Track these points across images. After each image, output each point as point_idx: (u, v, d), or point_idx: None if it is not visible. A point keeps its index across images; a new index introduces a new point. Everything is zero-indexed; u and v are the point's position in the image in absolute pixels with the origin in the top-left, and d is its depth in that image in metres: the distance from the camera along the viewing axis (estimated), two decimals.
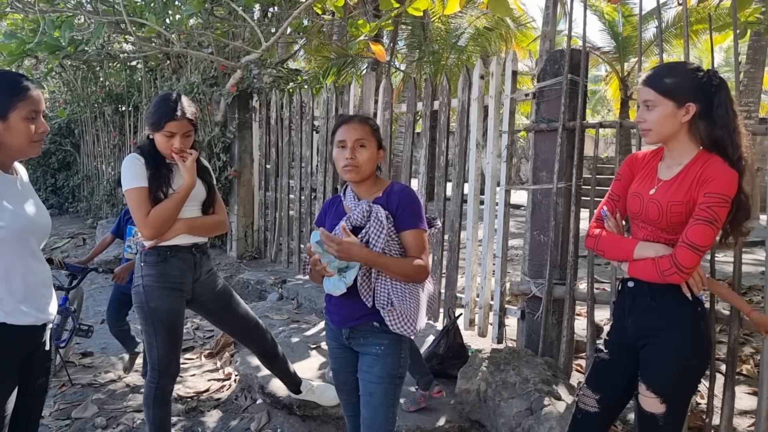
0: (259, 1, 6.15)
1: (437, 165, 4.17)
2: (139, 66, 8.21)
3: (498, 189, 3.68)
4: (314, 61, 11.50)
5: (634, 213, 1.92)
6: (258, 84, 6.16)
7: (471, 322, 3.92)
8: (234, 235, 6.42)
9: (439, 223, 3.98)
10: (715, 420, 2.60)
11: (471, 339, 3.72)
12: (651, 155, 1.96)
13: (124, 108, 8.76)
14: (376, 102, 4.83)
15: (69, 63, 8.54)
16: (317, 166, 5.52)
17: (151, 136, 2.43)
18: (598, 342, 2.16)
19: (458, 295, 4.03)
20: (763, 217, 9.21)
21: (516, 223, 8.05)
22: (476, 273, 3.91)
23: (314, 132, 5.60)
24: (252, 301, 5.19)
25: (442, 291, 4.09)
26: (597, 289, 3.11)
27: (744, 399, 3.10)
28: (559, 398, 2.62)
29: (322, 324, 4.07)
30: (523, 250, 3.44)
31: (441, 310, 4.08)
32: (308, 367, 3.46)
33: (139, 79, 8.20)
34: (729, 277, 3.11)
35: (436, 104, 4.16)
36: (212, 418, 3.23)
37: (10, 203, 1.70)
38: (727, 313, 2.55)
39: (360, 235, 1.91)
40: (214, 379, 3.70)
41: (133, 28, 4.89)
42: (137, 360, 3.83)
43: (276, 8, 6.30)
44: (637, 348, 1.90)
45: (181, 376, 3.50)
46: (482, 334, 3.81)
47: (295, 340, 3.94)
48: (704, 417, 2.66)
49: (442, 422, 2.83)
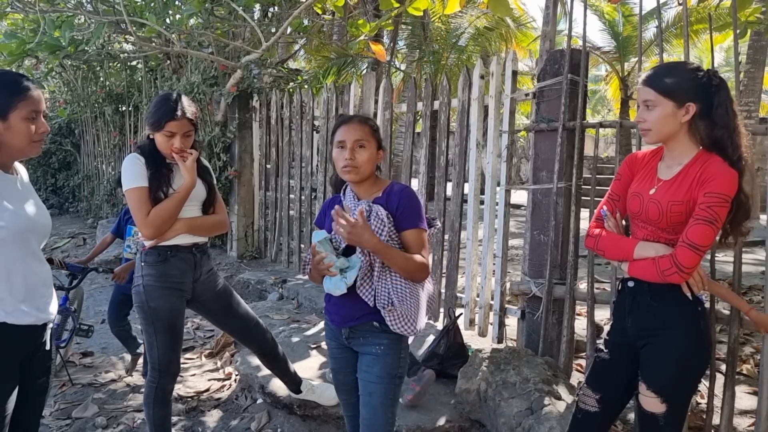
0: (260, 1, 6.15)
1: (437, 165, 4.17)
2: (140, 66, 8.21)
3: (498, 189, 3.68)
4: (314, 60, 11.50)
5: (634, 213, 1.92)
6: (258, 84, 6.16)
7: (471, 322, 3.92)
8: (234, 234, 6.43)
9: (438, 223, 3.98)
10: (715, 420, 2.60)
11: (471, 339, 3.72)
12: (651, 155, 1.96)
13: (124, 108, 8.76)
14: (376, 102, 4.83)
15: (69, 63, 8.54)
16: (317, 165, 5.53)
17: (151, 136, 2.43)
18: (598, 342, 2.16)
19: (458, 294, 4.03)
20: (763, 217, 9.21)
21: (516, 223, 8.05)
22: (476, 273, 3.91)
23: (314, 132, 5.60)
24: (252, 300, 5.19)
25: (443, 291, 4.09)
26: (597, 288, 3.11)
27: (744, 399, 3.10)
28: (559, 398, 2.63)
29: (323, 324, 4.07)
30: (523, 250, 3.45)
31: (441, 309, 4.08)
32: (308, 367, 3.46)
33: (140, 79, 8.20)
34: (729, 276, 3.11)
35: (437, 104, 4.16)
36: (212, 417, 3.24)
37: (11, 203, 1.70)
38: (727, 312, 2.55)
39: None
40: (215, 379, 3.70)
41: (134, 28, 4.89)
42: (139, 360, 3.83)
43: (276, 8, 6.30)
44: (638, 348, 1.90)
45: (181, 376, 3.51)
46: (482, 333, 3.82)
47: (295, 339, 3.94)
48: (704, 416, 2.66)
49: (442, 422, 2.83)
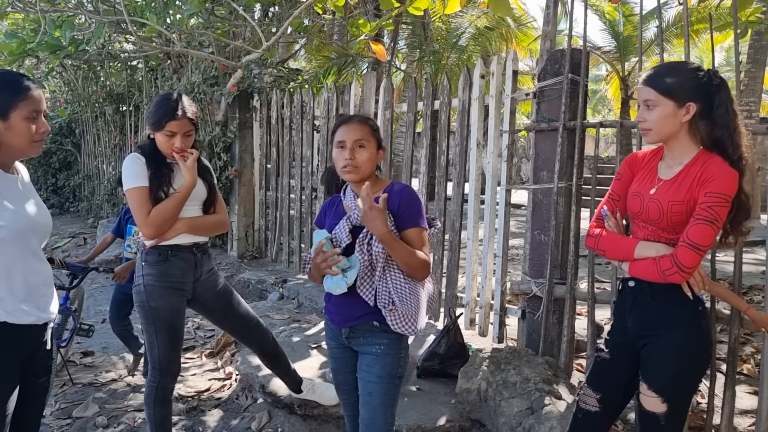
0: (260, 1, 6.15)
1: (438, 164, 4.17)
2: (140, 66, 8.21)
3: (498, 188, 3.68)
4: (315, 60, 11.50)
5: (635, 212, 1.92)
6: (259, 84, 6.16)
7: (471, 322, 3.92)
8: (235, 234, 6.43)
9: (438, 223, 3.99)
10: (716, 419, 2.60)
11: (472, 338, 3.72)
12: (651, 155, 1.96)
13: (124, 108, 8.77)
14: (376, 102, 4.82)
15: (70, 63, 8.55)
16: (318, 165, 5.53)
17: (152, 136, 2.43)
18: (598, 341, 2.16)
19: (459, 294, 4.03)
20: (763, 217, 9.21)
21: (516, 223, 8.05)
22: (477, 272, 3.91)
23: (315, 131, 5.60)
24: (253, 300, 5.19)
25: (443, 290, 4.10)
26: (597, 288, 3.11)
27: (745, 398, 3.10)
28: (559, 398, 2.63)
29: (323, 324, 4.07)
30: (523, 250, 3.44)
31: (442, 309, 4.08)
32: (309, 367, 3.46)
33: (140, 78, 8.20)
34: (730, 276, 3.11)
35: (437, 104, 4.16)
36: (213, 417, 3.24)
37: (11, 203, 1.70)
38: (727, 312, 2.55)
39: (361, 234, 1.91)
40: (215, 379, 3.70)
41: (134, 28, 4.89)
42: (141, 361, 3.83)
43: (276, 8, 6.30)
44: (638, 347, 1.90)
45: (182, 376, 3.51)
46: (483, 333, 3.82)
47: (295, 339, 3.95)
48: (705, 416, 2.66)
49: (442, 421, 2.83)
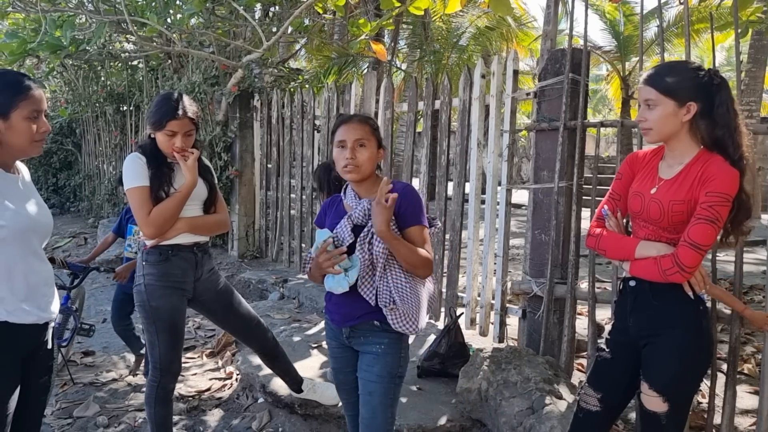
0: (261, 1, 6.15)
1: (438, 164, 4.17)
2: (141, 65, 8.21)
3: (499, 188, 3.68)
4: (315, 60, 11.49)
5: (635, 212, 1.92)
6: (259, 83, 6.16)
7: (472, 322, 3.92)
8: (235, 234, 6.43)
9: (439, 223, 3.99)
10: (717, 419, 2.60)
11: (472, 338, 3.72)
12: (652, 154, 1.96)
13: (125, 107, 8.77)
14: (377, 101, 4.82)
15: (70, 62, 8.55)
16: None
17: (152, 136, 2.43)
18: (599, 341, 2.17)
19: (459, 294, 4.03)
20: (764, 217, 9.21)
21: (517, 223, 8.05)
22: (477, 272, 3.91)
23: (315, 131, 5.60)
24: (253, 300, 5.19)
25: (444, 290, 4.09)
26: (598, 288, 3.11)
27: (745, 398, 3.10)
28: (560, 397, 2.63)
29: (323, 323, 4.08)
30: (524, 250, 3.44)
31: (442, 309, 4.08)
32: (309, 366, 3.47)
33: (141, 78, 8.20)
34: (730, 276, 3.11)
35: (438, 103, 4.16)
36: (214, 417, 3.24)
37: (12, 202, 1.70)
38: (728, 312, 2.55)
39: (362, 234, 1.91)
40: (216, 378, 3.70)
41: (135, 28, 4.89)
42: (142, 361, 3.83)
43: (277, 7, 6.30)
44: (639, 347, 1.90)
45: (182, 375, 3.51)
46: (483, 333, 3.82)
47: (296, 339, 3.95)
48: (705, 416, 2.66)
49: (443, 421, 2.83)
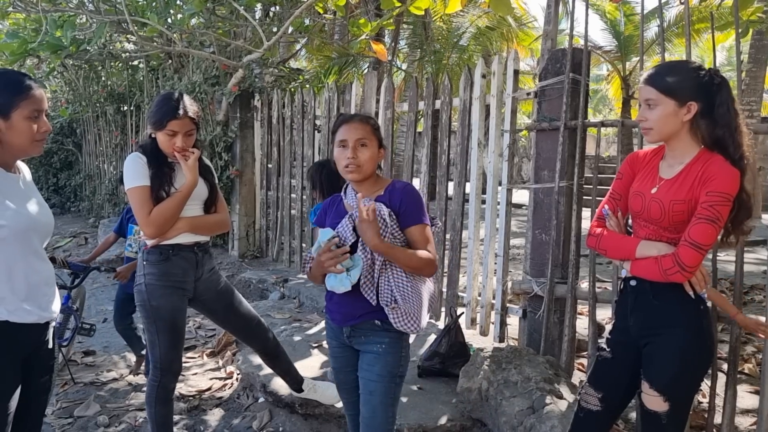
0: (261, 1, 6.15)
1: (439, 164, 4.17)
2: (141, 65, 8.22)
3: (500, 188, 3.68)
4: (316, 60, 11.49)
5: (636, 212, 1.92)
6: (260, 83, 6.16)
7: (473, 321, 3.93)
8: (236, 234, 6.43)
9: (439, 222, 3.99)
10: (717, 419, 2.60)
11: (473, 338, 3.72)
12: (652, 154, 1.96)
13: (125, 107, 8.77)
14: (377, 101, 4.83)
15: (71, 62, 8.55)
16: None
17: (153, 135, 2.43)
18: (600, 341, 2.17)
19: (460, 294, 4.03)
20: (764, 216, 9.20)
21: (517, 222, 8.05)
22: (478, 272, 3.91)
23: (316, 131, 5.60)
24: (254, 300, 5.20)
25: (444, 290, 4.10)
26: (599, 287, 3.11)
27: (746, 398, 3.10)
28: (560, 397, 2.63)
29: (324, 323, 4.08)
30: (524, 249, 3.44)
31: (443, 309, 4.08)
32: (310, 366, 3.47)
33: (141, 78, 8.21)
34: (731, 276, 3.11)
35: (438, 103, 4.16)
36: (214, 416, 3.24)
37: (13, 202, 1.70)
38: None
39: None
40: (216, 378, 3.70)
41: (135, 28, 4.89)
42: (143, 362, 3.83)
43: (277, 7, 6.30)
44: (640, 347, 1.90)
45: (183, 375, 3.51)
46: (484, 333, 3.82)
47: (296, 338, 3.95)
48: (706, 416, 2.66)
49: (443, 421, 2.83)
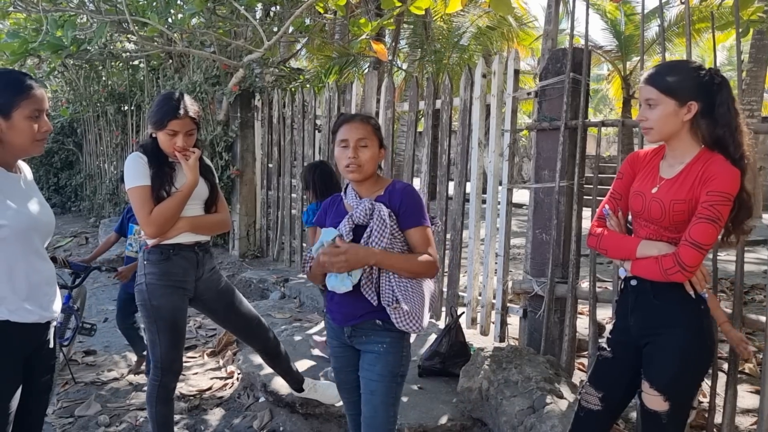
0: (262, 0, 6.15)
1: (439, 164, 4.17)
2: (142, 65, 8.22)
3: (500, 188, 3.68)
4: (316, 60, 11.49)
5: (637, 211, 1.92)
6: (260, 83, 6.16)
7: (473, 321, 3.93)
8: (236, 233, 6.43)
9: (439, 222, 3.99)
10: (718, 418, 2.60)
11: (473, 337, 3.72)
12: (653, 154, 1.96)
13: (126, 107, 8.78)
14: (378, 101, 4.83)
15: (71, 62, 8.56)
16: None
17: (153, 135, 2.43)
18: (600, 340, 2.17)
19: (460, 293, 4.03)
20: (765, 216, 9.20)
21: (518, 222, 8.05)
22: (478, 272, 3.91)
23: (316, 131, 5.61)
24: (254, 299, 5.20)
25: (445, 289, 4.10)
26: (599, 287, 3.11)
27: (746, 398, 3.10)
28: (561, 396, 2.63)
29: (324, 323, 4.08)
30: (525, 249, 3.45)
31: (443, 308, 4.09)
32: (310, 366, 3.47)
33: (142, 78, 8.21)
34: (731, 276, 3.11)
35: (438, 103, 4.16)
36: (215, 416, 3.24)
37: (14, 201, 1.70)
38: (729, 311, 2.55)
39: (364, 234, 1.91)
40: (217, 378, 3.71)
41: (136, 28, 4.90)
42: (143, 362, 3.83)
43: (278, 7, 6.30)
44: (640, 346, 1.90)
45: (184, 374, 3.51)
46: (484, 332, 3.82)
47: (297, 338, 3.95)
48: (706, 415, 2.66)
49: (444, 420, 2.84)
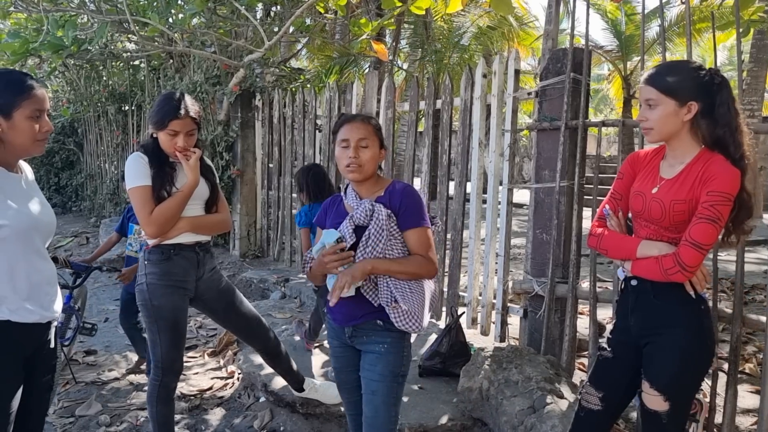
0: (262, 0, 6.16)
1: (440, 164, 4.18)
2: (142, 65, 8.22)
3: (500, 188, 3.68)
4: (317, 60, 11.51)
5: (637, 212, 1.92)
6: (261, 83, 6.16)
7: (473, 321, 3.93)
8: (237, 233, 6.44)
9: (439, 221, 3.99)
10: (718, 418, 2.60)
11: (473, 337, 3.72)
12: (653, 154, 1.96)
13: (127, 107, 8.79)
14: (378, 101, 4.83)
15: (72, 62, 8.57)
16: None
17: (154, 135, 2.44)
18: (600, 340, 2.17)
19: (461, 293, 4.04)
20: (765, 216, 9.20)
21: (518, 222, 8.05)
22: (479, 272, 3.91)
23: (317, 131, 5.61)
24: (255, 299, 5.20)
25: (445, 289, 4.10)
26: (599, 287, 3.11)
27: (747, 398, 3.10)
28: (561, 396, 2.63)
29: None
30: (525, 249, 3.45)
31: (444, 308, 4.09)
32: (311, 365, 3.47)
33: (142, 78, 8.21)
34: (731, 276, 3.11)
35: (439, 103, 4.16)
36: (215, 415, 3.25)
37: (15, 201, 1.71)
38: (729, 311, 2.55)
39: (364, 235, 1.91)
40: (218, 377, 3.71)
41: (136, 27, 4.90)
42: (143, 363, 3.82)
43: (279, 7, 6.31)
44: (641, 346, 1.90)
45: (184, 374, 3.52)
46: (485, 332, 3.82)
47: (297, 338, 3.95)
48: (707, 415, 2.66)
49: (444, 420, 2.84)
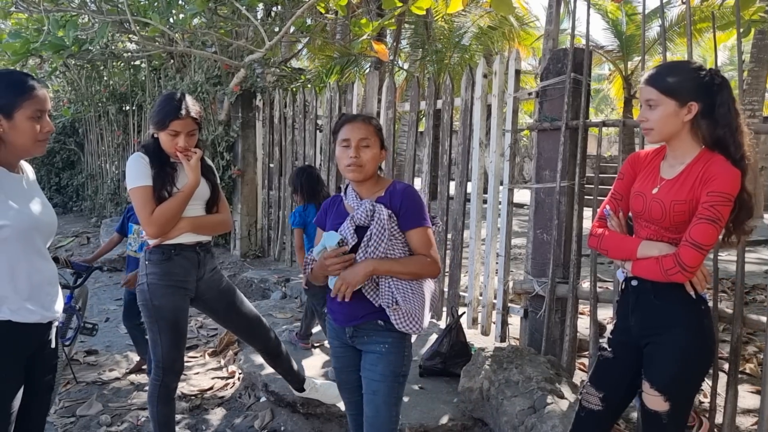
0: (263, 0, 6.16)
1: (440, 164, 4.18)
2: (143, 65, 8.23)
3: (501, 188, 3.68)
4: (317, 60, 11.52)
5: (637, 212, 1.92)
6: (261, 83, 6.17)
7: (474, 321, 3.93)
8: (237, 233, 6.44)
9: (440, 221, 3.99)
10: (718, 419, 2.60)
11: (474, 337, 3.72)
12: (653, 154, 1.96)
13: (127, 107, 8.80)
14: (379, 101, 4.83)
15: (73, 62, 8.58)
16: (320, 164, 5.53)
17: (155, 135, 2.44)
18: (601, 340, 2.17)
19: (461, 293, 4.04)
20: (766, 216, 9.19)
21: (519, 222, 8.05)
22: (479, 272, 3.91)
23: (317, 131, 5.61)
24: (255, 299, 5.20)
25: (446, 290, 4.10)
26: (600, 287, 3.12)
27: (747, 398, 3.09)
28: (561, 396, 2.63)
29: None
30: (526, 249, 3.45)
31: (444, 308, 4.09)
32: (311, 365, 3.47)
33: (143, 78, 8.22)
34: (732, 276, 3.11)
35: (439, 103, 4.16)
36: (216, 415, 3.25)
37: (16, 202, 1.71)
38: (730, 311, 2.55)
39: (365, 236, 1.91)
40: (218, 377, 3.71)
41: (137, 28, 4.90)
42: (144, 363, 3.83)
43: (279, 7, 6.31)
44: (641, 346, 1.90)
45: (185, 374, 3.52)
46: (485, 332, 3.82)
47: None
48: (707, 416, 2.66)
49: (445, 420, 2.84)
